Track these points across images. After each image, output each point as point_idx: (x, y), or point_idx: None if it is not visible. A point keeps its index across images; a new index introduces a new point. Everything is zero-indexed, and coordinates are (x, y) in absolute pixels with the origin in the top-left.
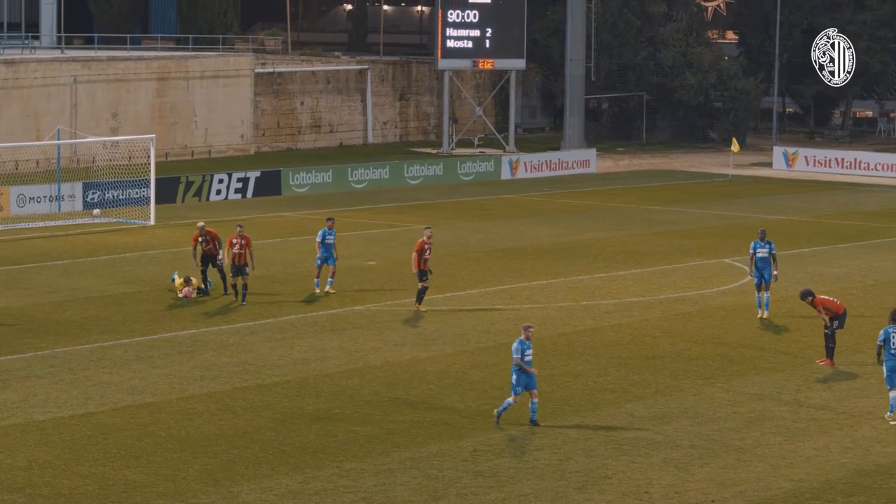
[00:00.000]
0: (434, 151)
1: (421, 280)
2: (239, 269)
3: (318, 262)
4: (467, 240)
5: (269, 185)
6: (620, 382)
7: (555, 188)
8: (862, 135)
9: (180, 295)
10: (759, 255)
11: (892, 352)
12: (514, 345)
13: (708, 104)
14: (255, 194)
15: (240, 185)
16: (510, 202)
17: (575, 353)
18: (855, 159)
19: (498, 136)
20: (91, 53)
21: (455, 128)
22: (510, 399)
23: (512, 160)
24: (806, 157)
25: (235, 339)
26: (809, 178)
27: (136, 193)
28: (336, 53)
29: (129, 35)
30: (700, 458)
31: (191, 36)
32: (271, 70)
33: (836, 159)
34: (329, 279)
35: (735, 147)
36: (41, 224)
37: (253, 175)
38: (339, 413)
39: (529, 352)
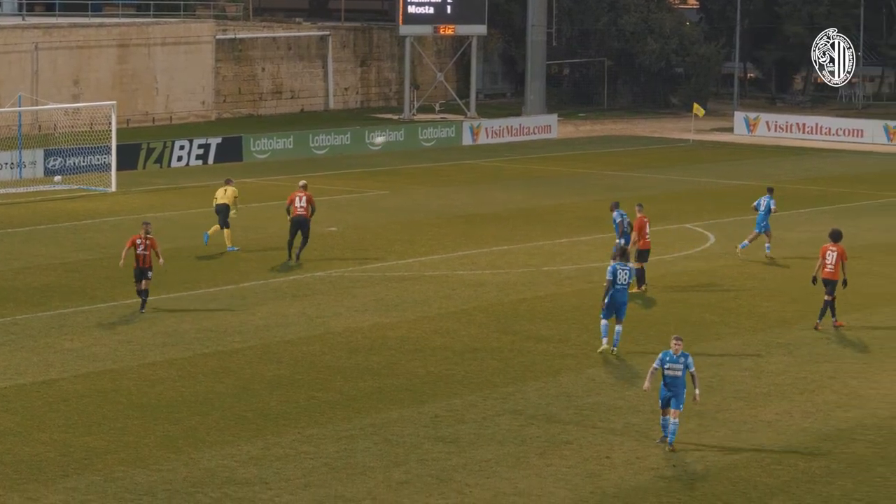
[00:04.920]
0: (395, 117)
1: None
2: (143, 272)
3: (757, 228)
4: (428, 205)
5: (231, 152)
6: (582, 348)
7: (516, 154)
8: (823, 100)
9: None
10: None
11: (617, 286)
12: (660, 355)
13: (669, 70)
14: (216, 160)
15: (201, 151)
16: (471, 168)
17: (536, 318)
18: (816, 124)
19: (459, 101)
20: (52, 20)
21: (416, 94)
22: (662, 418)
23: (473, 126)
24: (767, 123)
25: (196, 306)
26: (771, 144)
27: (98, 160)
28: (297, 20)
29: (90, 2)
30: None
31: (152, 2)
32: (232, 36)
33: (798, 124)
34: (766, 244)
35: (699, 111)
36: (2, 191)
37: (214, 141)
38: (300, 379)
39: (676, 366)
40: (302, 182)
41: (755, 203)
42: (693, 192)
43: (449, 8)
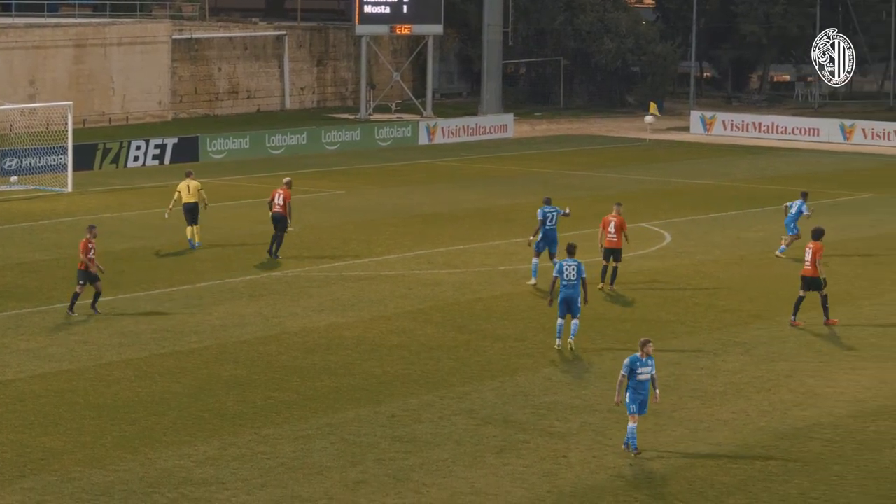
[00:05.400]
0: (352, 117)
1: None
2: (93, 276)
3: (788, 231)
4: (384, 205)
5: (187, 152)
6: (538, 347)
7: (472, 153)
8: (780, 99)
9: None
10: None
11: (565, 283)
12: (626, 363)
13: (625, 69)
14: (172, 160)
15: (157, 151)
16: (427, 167)
17: (493, 317)
18: (773, 123)
19: (415, 101)
20: (8, 20)
21: (373, 93)
22: (630, 423)
23: (429, 125)
24: (724, 122)
25: (153, 306)
26: (727, 143)
27: (54, 160)
28: (253, 19)
29: (46, 2)
30: (617, 423)
31: (108, 2)
32: (189, 36)
33: (754, 123)
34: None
35: (654, 110)
36: None
37: (170, 141)
38: (256, 379)
39: (646, 369)
40: (286, 179)
41: (789, 203)
42: (649, 191)
43: (405, 7)
